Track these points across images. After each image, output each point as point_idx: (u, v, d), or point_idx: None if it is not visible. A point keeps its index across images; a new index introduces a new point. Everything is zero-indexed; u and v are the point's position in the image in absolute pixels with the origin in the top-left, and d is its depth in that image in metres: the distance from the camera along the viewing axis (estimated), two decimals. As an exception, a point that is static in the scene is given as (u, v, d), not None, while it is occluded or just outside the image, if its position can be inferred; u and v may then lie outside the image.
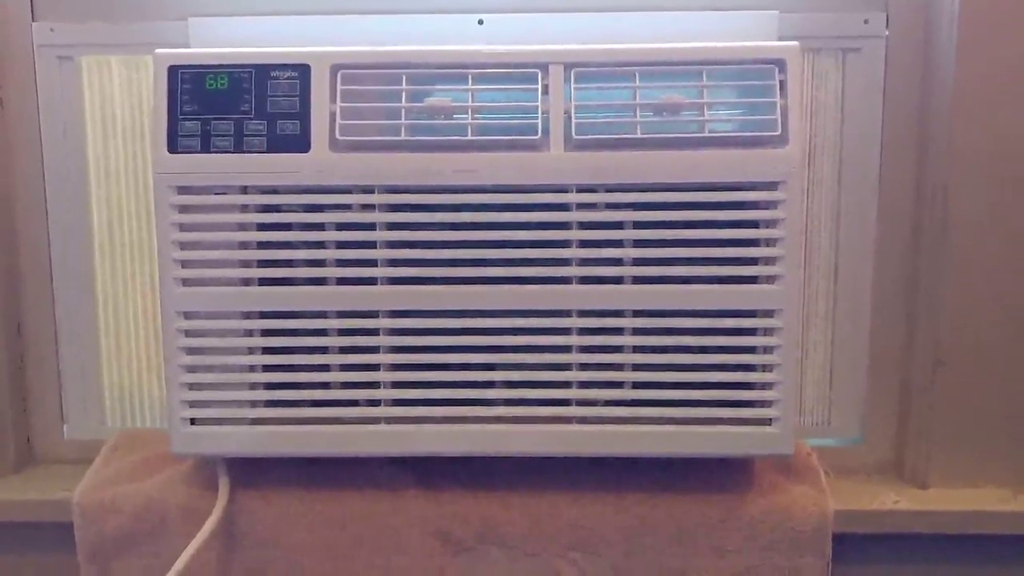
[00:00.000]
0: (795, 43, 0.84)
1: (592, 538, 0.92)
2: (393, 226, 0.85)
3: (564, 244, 0.85)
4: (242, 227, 0.86)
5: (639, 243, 0.85)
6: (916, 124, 0.96)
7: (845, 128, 0.98)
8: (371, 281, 0.86)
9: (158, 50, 0.86)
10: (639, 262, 0.85)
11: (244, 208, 0.86)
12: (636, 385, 0.87)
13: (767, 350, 0.86)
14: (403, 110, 0.85)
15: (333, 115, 0.84)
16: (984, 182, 0.92)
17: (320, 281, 0.86)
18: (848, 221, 0.99)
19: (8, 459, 1.02)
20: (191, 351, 0.87)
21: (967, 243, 0.93)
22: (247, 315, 0.87)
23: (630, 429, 0.87)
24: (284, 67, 0.84)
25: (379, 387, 0.87)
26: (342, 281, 0.86)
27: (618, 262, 0.85)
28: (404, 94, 0.85)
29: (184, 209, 0.85)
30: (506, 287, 0.85)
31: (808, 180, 0.98)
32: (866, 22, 0.96)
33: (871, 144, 0.97)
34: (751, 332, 0.86)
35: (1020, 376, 0.95)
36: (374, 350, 0.86)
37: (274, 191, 0.85)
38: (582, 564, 0.92)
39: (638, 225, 0.85)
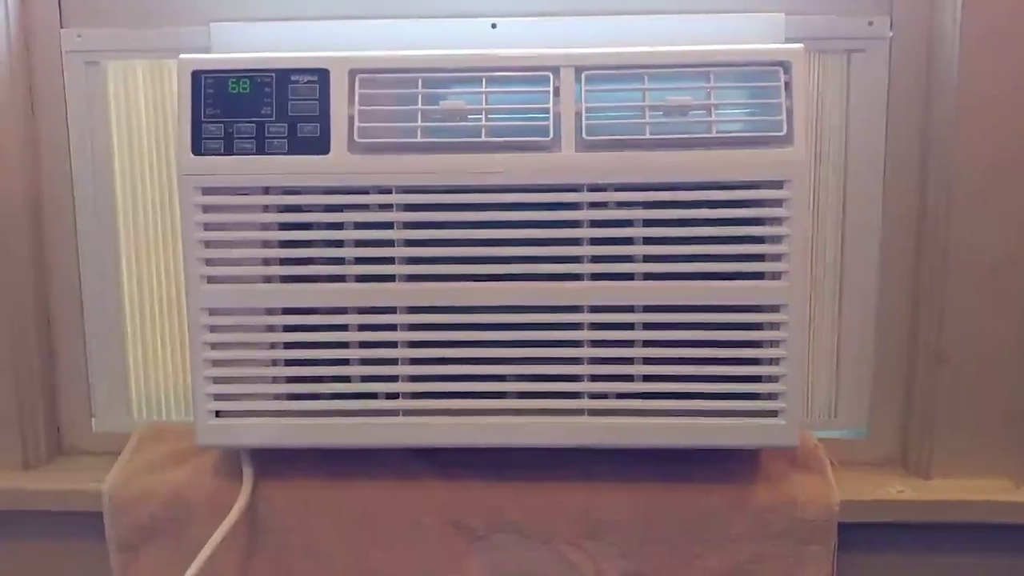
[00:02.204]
0: (800, 45, 0.85)
1: (603, 527, 0.94)
2: (410, 225, 0.87)
3: (576, 242, 0.87)
4: (264, 226, 0.88)
5: (649, 240, 0.87)
6: (920, 123, 0.98)
7: (850, 128, 0.99)
8: (389, 278, 0.87)
9: (182, 55, 0.88)
10: (649, 259, 0.87)
11: (266, 208, 0.88)
12: (646, 378, 0.88)
13: (773, 344, 0.87)
14: (419, 112, 0.87)
15: (351, 118, 0.86)
16: (987, 181, 0.93)
17: (340, 278, 0.88)
18: (853, 219, 1.01)
19: (39, 451, 1.05)
20: (216, 346, 0.89)
21: (970, 240, 0.94)
22: (270, 311, 0.89)
23: (640, 421, 0.89)
24: (304, 71, 0.87)
25: (397, 380, 0.89)
26: (361, 278, 0.88)
27: (628, 259, 0.87)
28: (420, 97, 0.87)
29: (208, 209, 0.88)
30: (520, 283, 0.87)
31: (813, 179, 1.00)
32: (870, 24, 0.97)
33: (875, 143, 0.99)
34: (758, 327, 0.87)
35: (1021, 370, 0.96)
36: (392, 345, 0.88)
37: (295, 192, 0.87)
38: (593, 552, 0.94)
39: (647, 223, 0.86)
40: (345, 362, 0.89)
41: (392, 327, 0.88)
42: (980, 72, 0.92)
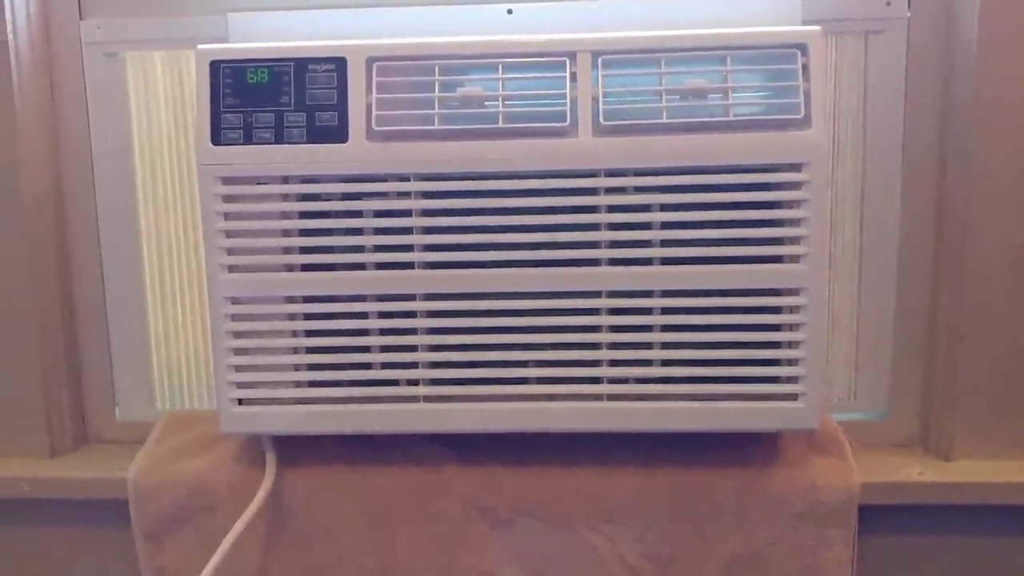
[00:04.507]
0: (817, 27, 0.85)
1: (623, 511, 0.94)
2: (428, 212, 0.87)
3: (594, 227, 0.87)
4: (284, 215, 0.89)
5: (667, 225, 0.86)
6: (939, 104, 0.97)
7: (868, 109, 0.99)
8: (408, 265, 0.88)
9: (200, 46, 0.88)
10: (667, 243, 0.87)
11: (285, 197, 0.88)
12: (665, 363, 0.88)
13: (793, 327, 0.87)
14: (436, 100, 0.87)
15: (369, 106, 0.87)
16: (1007, 160, 0.93)
17: (359, 266, 0.88)
18: (872, 200, 1.00)
19: (65, 439, 1.06)
20: (238, 335, 0.90)
21: (989, 219, 0.94)
22: (290, 299, 0.89)
23: (659, 405, 0.89)
24: (321, 60, 0.87)
25: (417, 367, 0.89)
26: (381, 266, 0.88)
27: (646, 244, 0.87)
28: (437, 84, 0.87)
29: (228, 199, 0.88)
30: (538, 269, 0.87)
31: (832, 161, 0.99)
32: (888, 4, 0.96)
33: (894, 125, 0.98)
34: (777, 310, 0.87)
35: (1043, 350, 0.96)
36: (412, 332, 0.89)
37: (314, 180, 0.88)
38: (613, 536, 0.94)
39: (665, 207, 0.86)
40: (366, 349, 0.90)
41: (412, 314, 0.89)
42: (999, 51, 0.92)
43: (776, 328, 0.88)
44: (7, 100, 0.98)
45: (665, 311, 0.88)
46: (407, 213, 0.88)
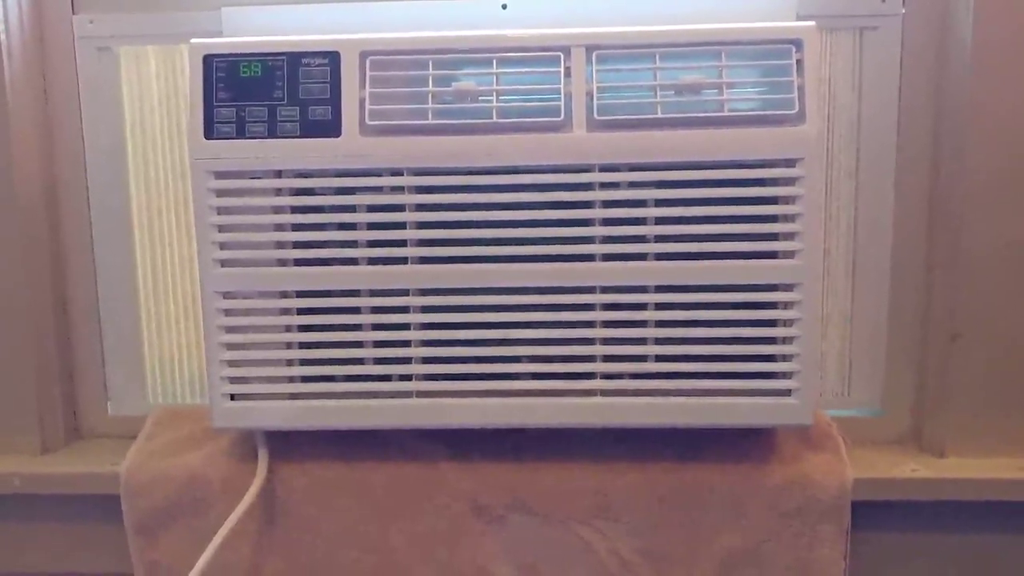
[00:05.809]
0: (812, 23, 0.85)
1: (616, 506, 0.94)
2: (422, 207, 0.87)
3: (588, 222, 0.87)
4: (277, 210, 0.88)
5: (661, 220, 0.86)
6: (933, 101, 0.97)
7: (863, 105, 0.99)
8: (402, 260, 0.88)
9: (193, 40, 0.88)
10: (661, 239, 0.86)
11: (278, 192, 0.88)
12: (659, 358, 0.88)
13: (787, 323, 0.87)
14: (430, 94, 0.86)
15: (363, 101, 0.86)
16: (1001, 157, 0.93)
17: (353, 261, 0.88)
18: (866, 196, 1.00)
19: (57, 434, 1.06)
20: (230, 329, 0.90)
21: (983, 216, 0.94)
22: (283, 294, 0.89)
23: (653, 401, 0.89)
24: (315, 55, 0.87)
25: (410, 362, 0.89)
26: (374, 261, 0.88)
27: (641, 239, 0.87)
28: (431, 79, 0.87)
29: (221, 193, 0.88)
30: (532, 265, 0.87)
31: (826, 157, 0.99)
32: (883, 1, 0.96)
33: (888, 121, 0.98)
34: (771, 306, 0.87)
35: (1036, 347, 0.96)
36: (405, 327, 0.89)
37: (307, 175, 0.88)
38: (607, 531, 0.94)
39: (660, 203, 0.86)
40: (359, 344, 0.90)
41: (405, 309, 0.89)
42: (994, 48, 0.91)
43: (770, 324, 0.88)
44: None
45: (659, 306, 0.88)
46: (400, 208, 0.87)
